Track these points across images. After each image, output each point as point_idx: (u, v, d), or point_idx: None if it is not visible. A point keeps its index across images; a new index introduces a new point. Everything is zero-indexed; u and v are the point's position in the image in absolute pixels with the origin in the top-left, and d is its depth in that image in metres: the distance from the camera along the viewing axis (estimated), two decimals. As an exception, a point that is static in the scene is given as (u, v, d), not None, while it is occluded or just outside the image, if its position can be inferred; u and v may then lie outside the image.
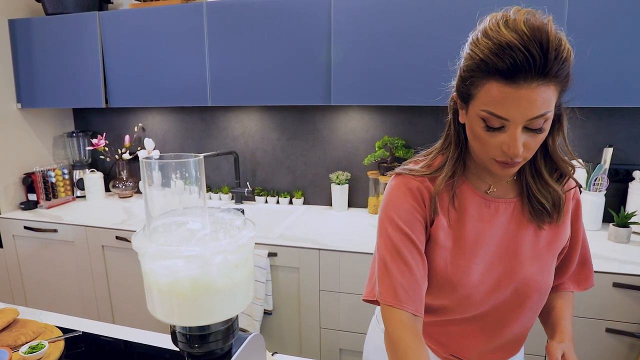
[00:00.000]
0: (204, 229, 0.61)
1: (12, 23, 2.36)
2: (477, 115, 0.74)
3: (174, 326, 0.65)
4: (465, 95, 0.76)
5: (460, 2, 1.74)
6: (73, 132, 2.73)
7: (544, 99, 0.68)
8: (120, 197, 2.72)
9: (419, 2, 1.80)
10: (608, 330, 1.61)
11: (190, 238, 0.60)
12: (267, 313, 2.01)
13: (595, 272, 1.57)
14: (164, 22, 2.16)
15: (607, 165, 1.93)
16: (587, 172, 1.95)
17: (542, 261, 0.89)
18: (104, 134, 2.64)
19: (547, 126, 0.73)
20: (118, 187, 2.69)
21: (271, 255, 1.92)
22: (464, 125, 0.83)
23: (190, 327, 0.64)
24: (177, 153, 0.62)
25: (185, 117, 2.62)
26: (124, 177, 2.71)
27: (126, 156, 2.64)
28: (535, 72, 0.66)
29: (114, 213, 2.39)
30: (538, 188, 0.86)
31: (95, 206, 2.55)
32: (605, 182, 1.92)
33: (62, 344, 1.16)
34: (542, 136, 0.74)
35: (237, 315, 0.70)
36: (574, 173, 0.87)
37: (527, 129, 0.72)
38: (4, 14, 2.35)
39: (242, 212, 0.76)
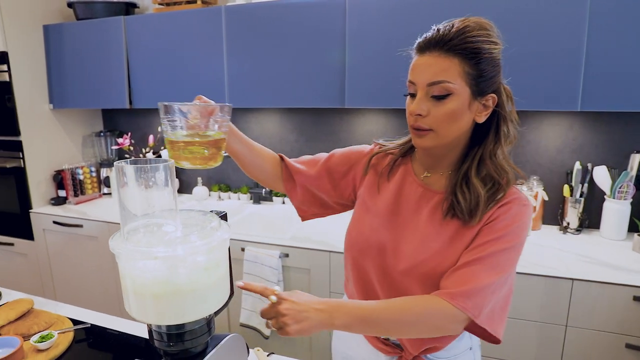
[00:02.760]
0: (176, 231, 0.63)
1: (46, 28, 2.49)
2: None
3: (150, 325, 0.67)
4: None
5: (475, 6, 1.70)
6: (101, 132, 2.84)
7: (443, 67, 0.79)
8: (145, 195, 2.80)
9: (433, 5, 1.77)
10: (628, 346, 1.53)
11: (163, 240, 0.62)
12: (278, 313, 2.03)
13: (615, 284, 1.52)
14: (184, 26, 2.22)
15: (633, 172, 1.84)
16: (612, 178, 1.86)
17: (427, 248, 0.88)
18: (129, 133, 2.73)
19: (453, 102, 0.80)
20: (142, 185, 2.78)
21: (283, 256, 1.94)
22: None
23: (164, 326, 0.66)
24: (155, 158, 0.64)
25: (206, 118, 2.68)
26: (148, 176, 2.80)
27: (149, 155, 2.73)
28: (437, 43, 0.79)
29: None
30: (461, 186, 0.87)
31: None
32: (631, 189, 1.83)
33: (71, 334, 1.22)
34: (447, 108, 0.81)
35: (213, 315, 0.71)
36: (507, 183, 0.87)
37: (432, 97, 0.81)
38: (39, 20, 2.48)
39: (225, 214, 0.77)
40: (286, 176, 1.09)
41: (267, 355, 1.14)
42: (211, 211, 0.75)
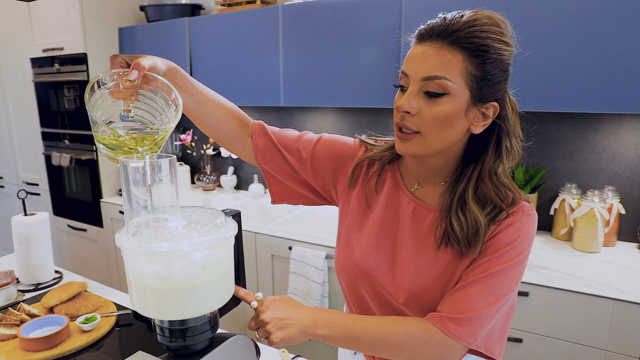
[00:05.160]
0: (177, 227, 0.62)
1: (120, 31, 2.67)
2: None
3: (154, 320, 0.67)
4: None
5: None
6: (167, 128, 3.00)
7: (442, 61, 0.69)
8: (204, 190, 2.92)
9: (490, 5, 1.65)
10: None
11: (164, 236, 0.61)
12: (322, 314, 2.00)
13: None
14: (243, 26, 2.27)
15: None
16: None
17: (425, 277, 0.79)
18: (192, 129, 2.86)
19: (448, 103, 0.70)
20: (202, 180, 2.90)
21: (329, 257, 1.92)
22: None
23: (166, 321, 0.66)
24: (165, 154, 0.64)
25: (264, 116, 2.72)
26: (208, 172, 2.91)
27: (210, 152, 2.83)
28: (440, 32, 0.69)
29: (194, 204, 2.58)
30: (457, 211, 0.75)
31: (180, 196, 2.77)
32: None
33: (113, 319, 1.28)
34: (440, 109, 0.70)
35: (217, 313, 0.70)
36: (511, 201, 0.75)
37: (425, 94, 0.71)
38: (115, 23, 2.67)
39: (238, 213, 0.76)
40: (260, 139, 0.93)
41: (292, 358, 1.11)
42: (224, 210, 0.74)
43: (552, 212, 1.88)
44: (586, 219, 1.71)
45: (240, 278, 0.79)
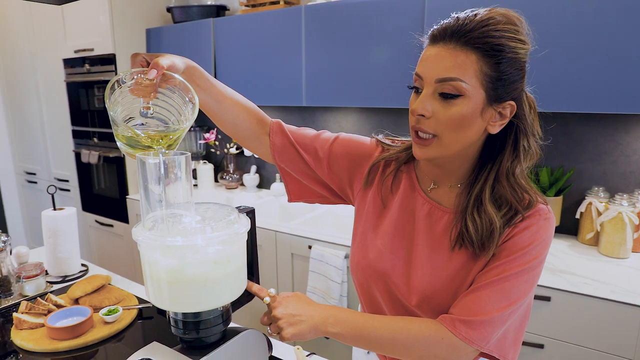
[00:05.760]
0: (191, 223, 0.64)
1: (148, 32, 2.74)
2: None
3: (168, 312, 0.69)
4: None
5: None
6: (191, 127, 3.05)
7: (456, 62, 0.68)
8: (227, 188, 2.96)
9: (512, 5, 1.61)
10: None
11: (179, 230, 0.63)
12: (340, 314, 2.01)
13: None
14: (266, 26, 2.29)
15: None
16: None
17: (438, 278, 0.78)
18: (215, 129, 2.90)
19: (463, 105, 0.69)
20: (225, 178, 2.94)
21: (348, 257, 1.92)
22: None
23: (180, 314, 0.68)
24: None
25: (286, 116, 2.75)
26: (231, 170, 2.95)
27: (233, 150, 2.87)
28: (454, 33, 0.68)
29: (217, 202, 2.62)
30: (472, 212, 0.74)
31: (204, 194, 2.83)
32: None
33: (135, 311, 1.32)
34: (455, 111, 0.70)
35: (229, 307, 0.71)
36: (527, 204, 0.74)
37: (440, 96, 0.70)
38: (143, 24, 2.75)
39: (253, 210, 0.77)
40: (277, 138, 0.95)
41: (307, 355, 1.12)
42: (239, 207, 0.76)
43: (577, 216, 1.82)
44: (614, 223, 1.65)
45: (253, 274, 0.81)
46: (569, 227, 1.91)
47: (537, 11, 1.59)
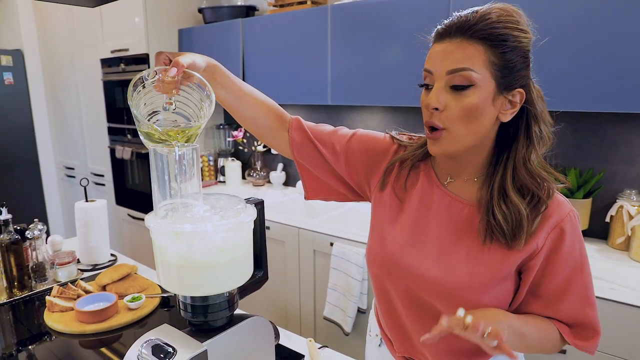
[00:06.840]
0: (199, 212, 0.67)
1: (180, 32, 2.83)
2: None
3: (178, 296, 0.73)
4: None
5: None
6: (221, 125, 3.13)
7: (465, 54, 0.71)
8: (254, 185, 3.02)
9: (535, 5, 1.58)
10: None
11: (187, 218, 0.66)
12: (360, 311, 2.01)
13: None
14: (293, 26, 2.33)
15: None
16: None
17: (457, 271, 0.79)
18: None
19: (475, 95, 0.71)
20: (252, 175, 3.00)
21: (367, 254, 1.92)
22: None
23: (189, 297, 0.71)
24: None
25: (312, 114, 2.77)
26: (258, 167, 3.00)
27: (260, 148, 2.92)
28: (459, 28, 0.72)
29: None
30: (499, 203, 0.74)
31: (231, 191, 2.89)
32: None
33: (157, 300, 1.37)
34: (467, 102, 0.72)
35: (236, 293, 0.74)
36: (547, 193, 0.75)
37: (452, 88, 0.72)
38: (175, 25, 2.84)
39: (262, 201, 0.80)
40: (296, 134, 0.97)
41: (319, 348, 1.14)
42: (248, 198, 0.78)
43: (608, 219, 1.76)
44: (646, 227, 1.59)
45: (261, 265, 0.83)
46: (598, 231, 1.85)
47: (557, 11, 1.55)
